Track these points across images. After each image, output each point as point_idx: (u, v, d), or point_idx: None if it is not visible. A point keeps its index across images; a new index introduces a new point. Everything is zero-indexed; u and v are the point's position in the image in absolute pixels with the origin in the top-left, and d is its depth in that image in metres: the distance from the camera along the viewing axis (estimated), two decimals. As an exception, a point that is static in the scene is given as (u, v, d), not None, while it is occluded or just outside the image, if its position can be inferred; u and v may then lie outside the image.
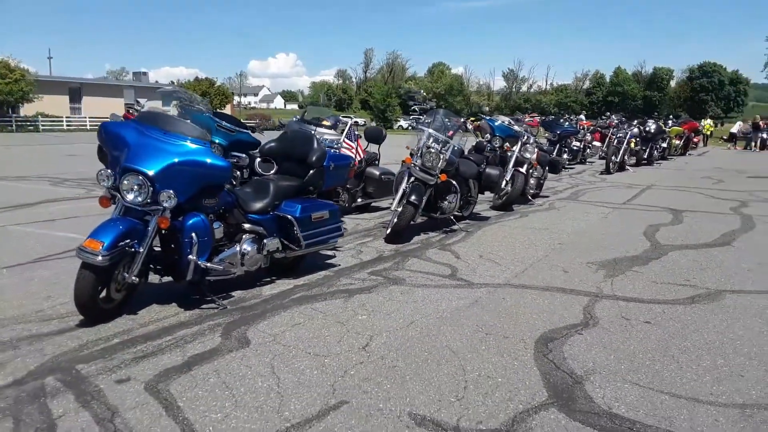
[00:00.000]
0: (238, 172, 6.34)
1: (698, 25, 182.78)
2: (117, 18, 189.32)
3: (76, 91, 49.77)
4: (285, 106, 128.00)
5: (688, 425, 2.81)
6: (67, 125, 44.65)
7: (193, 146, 4.16)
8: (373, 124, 47.09)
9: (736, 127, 35.46)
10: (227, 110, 48.83)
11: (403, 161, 7.43)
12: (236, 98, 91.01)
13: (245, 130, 7.99)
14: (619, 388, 3.19)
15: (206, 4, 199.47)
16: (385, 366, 3.39)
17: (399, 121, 65.36)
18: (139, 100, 12.93)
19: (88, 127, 46.93)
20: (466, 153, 8.37)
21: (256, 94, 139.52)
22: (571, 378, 3.30)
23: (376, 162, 9.19)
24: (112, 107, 52.86)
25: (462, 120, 9.43)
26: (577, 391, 3.15)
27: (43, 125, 41.76)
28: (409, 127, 62.13)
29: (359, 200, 8.73)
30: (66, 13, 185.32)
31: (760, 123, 32.48)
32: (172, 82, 79.92)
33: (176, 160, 4.02)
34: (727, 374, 3.40)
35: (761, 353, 3.72)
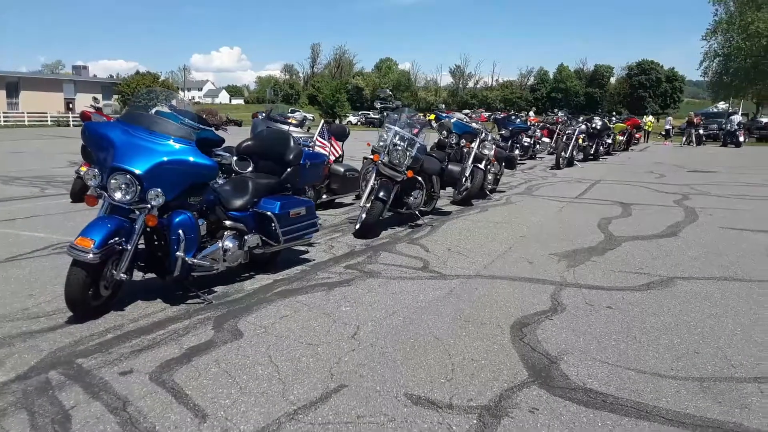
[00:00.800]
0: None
1: (637, 24, 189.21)
2: (50, 8, 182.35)
3: (13, 86, 48.03)
4: (230, 101, 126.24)
5: (654, 396, 3.13)
6: (5, 121, 43.04)
7: (179, 146, 4.27)
8: (337, 121, 47.09)
9: (667, 124, 37.10)
10: (174, 106, 47.88)
11: (365, 158, 7.66)
12: (180, 93, 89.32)
13: (209, 128, 8.03)
14: (591, 366, 3.50)
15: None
16: (376, 352, 3.60)
17: (348, 116, 65.49)
18: (96, 96, 12.72)
19: (27, 123, 45.43)
20: (428, 150, 8.64)
21: (200, 89, 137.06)
22: (546, 358, 3.59)
23: (340, 159, 9.38)
24: (52, 102, 51.38)
25: (421, 116, 9.72)
26: (554, 370, 3.44)
27: (-22, 121, 40.18)
28: (358, 123, 62.45)
29: (324, 197, 8.89)
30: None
31: (694, 119, 34.12)
32: (111, 76, 77.80)
33: (164, 159, 4.12)
34: (684, 352, 3.75)
35: (712, 333, 4.09)
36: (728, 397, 3.15)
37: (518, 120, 19.30)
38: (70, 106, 51.42)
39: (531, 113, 34.81)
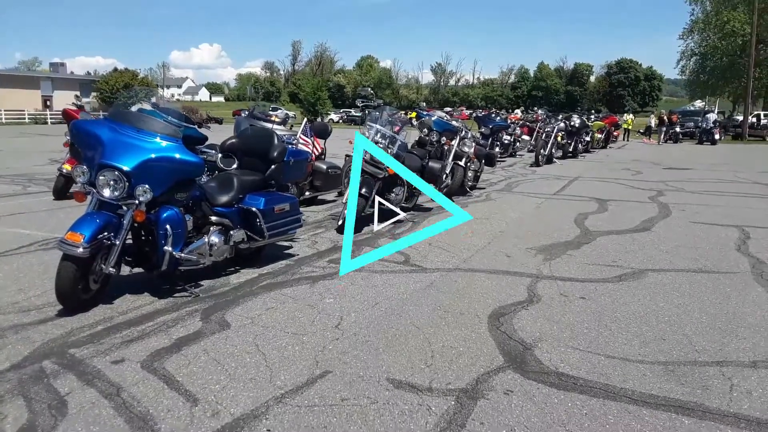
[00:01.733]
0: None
1: (616, 23, 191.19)
2: (26, 3, 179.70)
3: (-11, 83, 47.46)
4: (210, 99, 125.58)
5: (621, 379, 3.32)
6: (-19, 119, 42.53)
7: (166, 143, 4.38)
8: (319, 119, 47.11)
9: (650, 122, 37.66)
10: (153, 103, 47.60)
11: (347, 155, 7.79)
12: (160, 90, 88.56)
13: (192, 126, 8.11)
14: (563, 352, 3.68)
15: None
16: (359, 341, 3.76)
17: (329, 114, 65.45)
18: (77, 94, 12.71)
19: (3, 121, 44.91)
20: (409, 147, 8.80)
21: (179, 86, 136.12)
22: (521, 346, 3.77)
23: (323, 156, 9.51)
24: (29, 99, 50.78)
25: (402, 114, 9.89)
26: (528, 356, 3.62)
27: (-46, 118, 39.65)
28: (340, 120, 62.55)
29: (307, 193, 9.01)
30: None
31: (665, 118, 34.71)
32: (89, 73, 77.08)
33: (152, 156, 4.23)
34: (651, 338, 3.95)
35: (679, 321, 4.30)
36: (691, 379, 3.34)
37: (498, 118, 19.55)
38: (48, 103, 50.91)
39: (518, 111, 35.11)
